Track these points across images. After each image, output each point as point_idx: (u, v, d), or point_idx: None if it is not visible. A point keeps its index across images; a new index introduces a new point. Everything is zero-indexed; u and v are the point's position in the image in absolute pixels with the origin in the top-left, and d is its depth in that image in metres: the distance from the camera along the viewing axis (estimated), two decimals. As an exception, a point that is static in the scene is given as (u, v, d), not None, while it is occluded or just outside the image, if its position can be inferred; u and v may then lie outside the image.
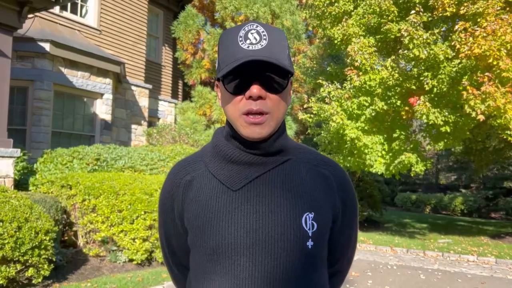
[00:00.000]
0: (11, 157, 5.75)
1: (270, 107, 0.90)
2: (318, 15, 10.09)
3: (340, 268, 1.11)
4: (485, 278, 6.53)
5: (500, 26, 7.22)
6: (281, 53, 0.90)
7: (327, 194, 0.98)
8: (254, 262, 0.89)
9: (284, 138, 0.99)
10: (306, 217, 0.92)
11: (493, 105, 7.19)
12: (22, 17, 5.94)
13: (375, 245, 9.16)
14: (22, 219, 4.13)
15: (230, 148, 0.97)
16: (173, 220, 1.04)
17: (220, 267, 0.92)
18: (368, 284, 5.86)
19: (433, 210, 20.39)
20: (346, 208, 1.02)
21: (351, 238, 1.09)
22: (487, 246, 9.38)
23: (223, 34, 0.95)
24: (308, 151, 1.05)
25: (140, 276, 5.08)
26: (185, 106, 13.33)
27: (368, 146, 8.94)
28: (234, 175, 0.95)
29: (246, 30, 0.90)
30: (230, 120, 0.94)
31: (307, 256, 0.92)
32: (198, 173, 1.01)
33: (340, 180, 1.02)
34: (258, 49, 0.88)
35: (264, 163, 0.96)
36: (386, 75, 8.46)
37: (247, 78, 0.89)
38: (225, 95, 0.94)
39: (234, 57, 0.88)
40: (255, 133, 0.90)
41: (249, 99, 0.89)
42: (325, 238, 0.98)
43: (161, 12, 13.54)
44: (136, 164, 7.16)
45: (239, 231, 0.91)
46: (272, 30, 0.91)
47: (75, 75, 9.00)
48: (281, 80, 0.91)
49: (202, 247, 0.94)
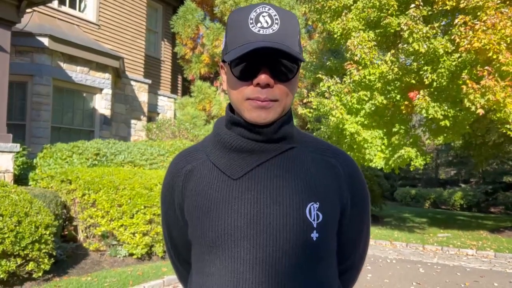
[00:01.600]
0: (11, 152, 5.75)
1: (278, 96, 0.86)
2: (318, 10, 10.05)
3: (352, 264, 1.06)
4: (484, 272, 6.55)
5: (500, 19, 7.19)
6: (293, 39, 0.86)
7: (333, 184, 0.93)
8: (254, 255, 0.85)
9: (290, 126, 0.94)
10: (310, 207, 0.88)
11: (493, 99, 7.18)
12: (21, 11, 5.91)
13: (374, 239, 9.19)
14: (22, 214, 4.14)
15: (231, 135, 0.92)
16: (174, 211, 1.00)
17: (219, 260, 0.88)
18: (367, 277, 5.88)
19: (432, 204, 20.42)
20: (355, 199, 0.97)
21: (362, 232, 1.03)
22: (486, 240, 9.40)
23: (232, 13, 0.90)
24: (315, 140, 1.00)
25: (140, 270, 5.10)
26: (185, 101, 13.32)
27: (367, 140, 8.94)
28: (235, 164, 0.91)
29: (257, 12, 0.85)
30: (234, 103, 0.90)
31: (312, 248, 0.87)
32: (198, 162, 0.97)
33: (349, 169, 0.97)
34: (269, 33, 0.83)
35: (266, 150, 0.91)
36: (386, 70, 8.44)
37: (256, 64, 0.84)
38: (231, 78, 0.89)
39: (244, 40, 0.84)
40: (260, 117, 0.86)
41: (256, 86, 0.85)
42: (332, 230, 0.93)
43: (160, 6, 13.49)
44: (136, 159, 7.16)
45: (239, 221, 0.86)
46: (284, 13, 0.86)
47: (74, 70, 8.98)
48: (291, 68, 0.87)
49: (201, 238, 0.90)
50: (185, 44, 13.28)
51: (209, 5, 14.53)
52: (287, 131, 0.93)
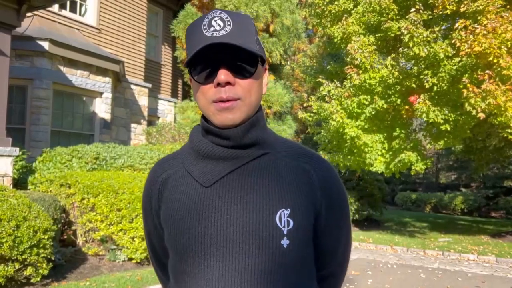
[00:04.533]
0: (10, 156, 5.73)
1: (240, 94, 0.87)
2: (318, 14, 10.07)
3: (331, 272, 1.04)
4: (485, 277, 6.51)
5: (500, 24, 7.20)
6: (247, 38, 0.87)
7: (306, 189, 0.91)
8: (224, 262, 0.85)
9: (261, 130, 0.93)
10: (280, 214, 0.86)
11: (494, 103, 7.16)
12: (21, 15, 5.92)
13: (375, 244, 9.15)
14: (20, 218, 4.11)
15: (204, 143, 0.93)
16: (153, 219, 1.02)
17: (190, 268, 0.88)
18: (368, 283, 5.84)
19: (433, 209, 20.37)
20: (330, 203, 0.95)
21: (340, 240, 1.01)
22: (487, 245, 9.36)
23: (188, 27, 0.92)
24: (289, 144, 0.99)
25: (139, 275, 5.06)
26: (185, 105, 13.31)
27: (368, 144, 8.92)
28: (207, 171, 0.91)
29: (209, 18, 0.87)
30: (202, 110, 0.91)
31: (283, 255, 0.86)
32: (174, 170, 0.98)
33: (323, 174, 0.95)
34: (222, 35, 0.84)
35: (238, 157, 0.91)
36: (386, 74, 8.44)
37: (214, 65, 0.86)
38: (195, 85, 0.91)
39: (199, 45, 0.85)
40: (227, 119, 0.87)
41: (218, 87, 0.86)
42: (305, 236, 0.91)
43: (161, 10, 13.52)
44: (136, 163, 7.14)
45: (209, 228, 0.86)
46: (236, 15, 0.88)
47: (74, 73, 8.97)
48: (250, 64, 0.87)
49: (174, 246, 0.91)
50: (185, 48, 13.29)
51: (209, 9, 14.56)
52: (258, 135, 0.92)
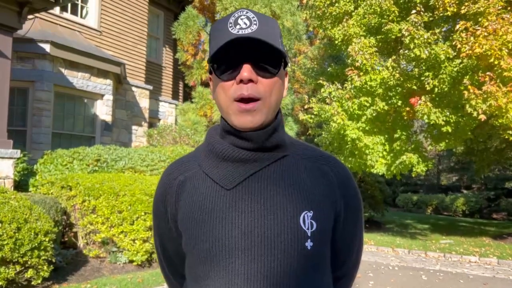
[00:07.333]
0: (11, 158, 5.73)
1: (262, 92, 0.86)
2: (319, 16, 10.07)
3: (346, 271, 1.05)
4: (487, 279, 6.49)
5: (501, 25, 7.19)
6: (273, 38, 0.86)
7: (326, 191, 0.92)
8: (249, 265, 0.84)
9: (282, 133, 0.94)
10: (304, 216, 0.87)
11: (495, 105, 7.15)
12: (22, 17, 5.93)
13: (376, 246, 9.13)
14: (21, 220, 4.11)
15: (224, 145, 0.92)
16: (167, 223, 0.99)
17: (214, 272, 0.86)
18: (369, 285, 5.83)
19: (434, 211, 20.34)
20: (348, 205, 0.96)
21: (355, 238, 1.03)
22: (489, 247, 9.33)
23: (213, 24, 0.91)
24: (306, 147, 0.99)
25: (140, 277, 5.06)
26: (186, 107, 13.31)
27: (369, 146, 8.91)
28: (228, 174, 0.90)
29: (236, 16, 0.86)
30: (222, 110, 0.89)
31: (307, 257, 0.86)
32: (191, 173, 0.96)
33: (341, 175, 0.96)
34: (248, 32, 0.83)
35: (259, 159, 0.90)
36: (387, 75, 8.43)
37: (237, 62, 0.85)
38: (215, 81, 0.90)
39: (223, 41, 0.84)
40: (247, 121, 0.86)
41: (240, 84, 0.85)
42: (326, 237, 0.92)
43: (162, 13, 13.54)
44: (137, 165, 7.14)
45: (233, 231, 0.85)
46: (263, 16, 0.87)
47: (75, 76, 8.99)
48: (274, 63, 0.87)
49: (196, 250, 0.89)
50: (187, 50, 13.30)
51: (210, 12, 14.58)
52: (279, 138, 0.92)
